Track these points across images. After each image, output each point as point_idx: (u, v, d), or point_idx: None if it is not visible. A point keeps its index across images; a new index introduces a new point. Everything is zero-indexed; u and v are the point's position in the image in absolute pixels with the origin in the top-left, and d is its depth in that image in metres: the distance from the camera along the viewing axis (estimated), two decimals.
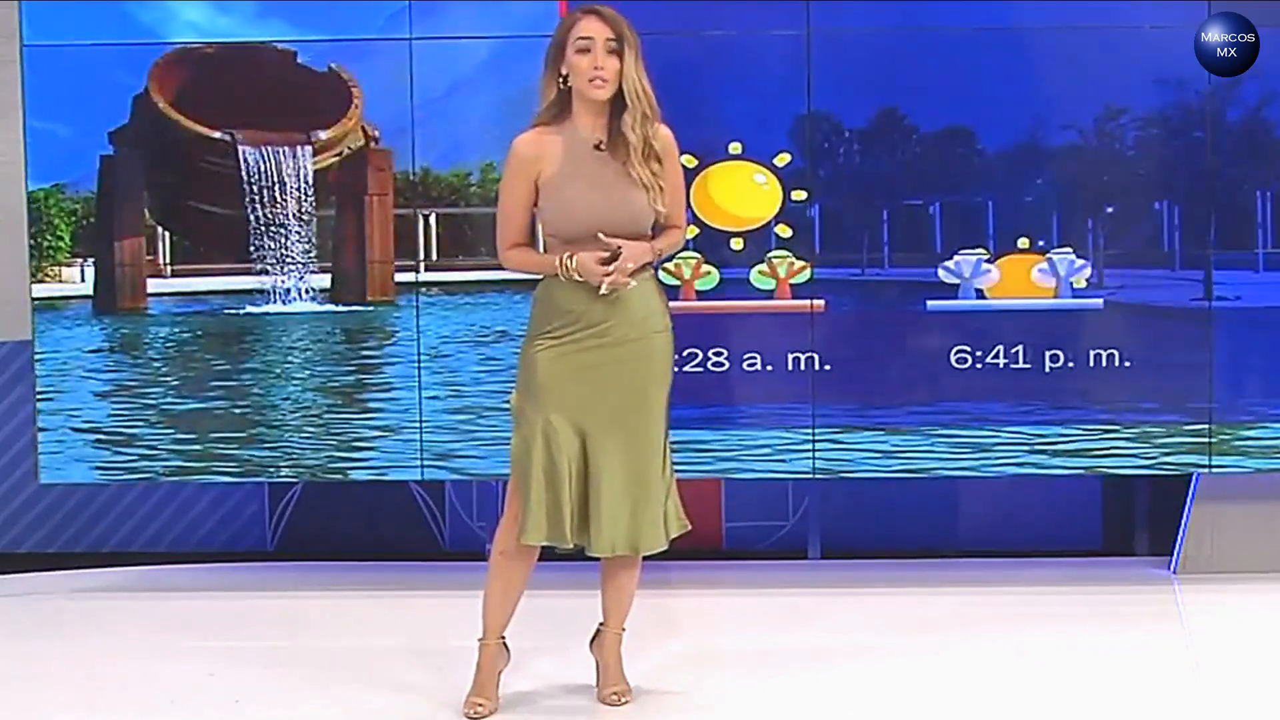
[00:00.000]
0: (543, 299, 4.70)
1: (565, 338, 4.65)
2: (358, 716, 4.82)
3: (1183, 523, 6.00)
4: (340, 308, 5.98)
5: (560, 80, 4.65)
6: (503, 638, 4.82)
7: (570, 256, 4.59)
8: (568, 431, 4.63)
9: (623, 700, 4.83)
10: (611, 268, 4.57)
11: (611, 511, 4.67)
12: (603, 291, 4.59)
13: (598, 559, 4.78)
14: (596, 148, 4.65)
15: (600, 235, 4.57)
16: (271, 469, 5.98)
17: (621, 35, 4.62)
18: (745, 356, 5.87)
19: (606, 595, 4.86)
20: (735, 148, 5.82)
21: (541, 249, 4.74)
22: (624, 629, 4.88)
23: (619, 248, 4.58)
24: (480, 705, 4.76)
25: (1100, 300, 5.81)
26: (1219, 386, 5.78)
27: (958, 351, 5.84)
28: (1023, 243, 5.80)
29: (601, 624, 4.90)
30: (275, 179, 5.95)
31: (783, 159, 5.81)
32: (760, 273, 5.86)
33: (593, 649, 4.93)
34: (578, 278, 4.59)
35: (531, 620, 5.04)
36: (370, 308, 5.99)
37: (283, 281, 5.98)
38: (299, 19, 5.88)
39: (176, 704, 4.91)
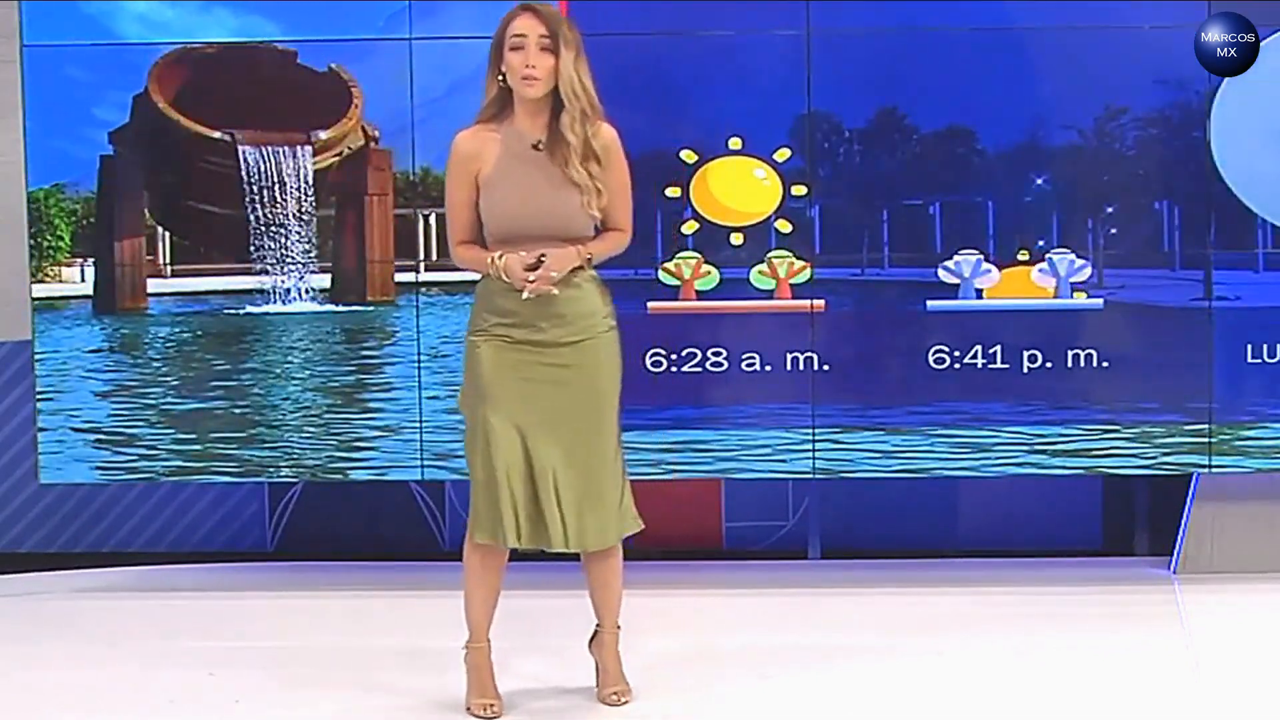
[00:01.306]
0: (482, 295, 4.70)
1: (501, 335, 4.64)
2: (358, 716, 4.82)
3: (1183, 523, 6.00)
4: (340, 308, 5.98)
5: (499, 78, 4.64)
6: (490, 639, 4.81)
7: (500, 257, 4.59)
8: (509, 432, 4.62)
9: (622, 700, 4.83)
10: (534, 275, 4.55)
11: (563, 508, 4.64)
12: (525, 296, 4.57)
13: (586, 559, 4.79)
14: (535, 147, 4.63)
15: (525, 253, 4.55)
16: (271, 469, 5.98)
17: (556, 32, 4.58)
18: (745, 356, 5.87)
19: (593, 593, 4.86)
20: (735, 143, 5.82)
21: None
22: (619, 627, 4.87)
23: (543, 255, 4.55)
24: (492, 705, 4.75)
25: (1100, 300, 5.81)
26: (1219, 386, 5.78)
27: (957, 351, 5.84)
28: (1022, 255, 5.81)
29: (597, 625, 4.90)
30: (275, 179, 5.95)
31: (783, 154, 5.81)
32: (760, 273, 5.86)
33: (591, 650, 4.93)
34: (505, 279, 4.59)
35: (530, 620, 5.05)
36: (370, 308, 5.99)
37: (283, 281, 5.98)
38: (284, 17, 5.87)
39: (176, 704, 4.91)
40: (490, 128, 4.68)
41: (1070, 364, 5.82)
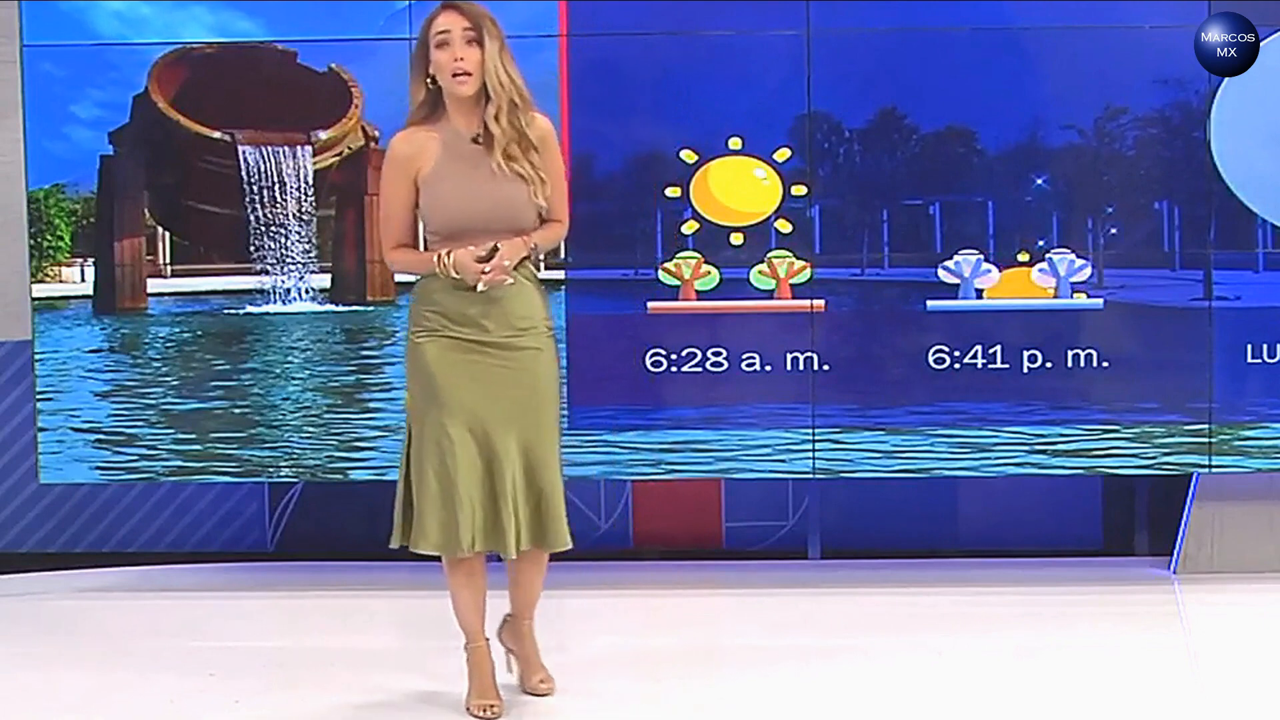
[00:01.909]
0: (420, 297, 4.69)
1: (447, 335, 4.62)
2: (358, 716, 4.82)
3: (1183, 523, 6.00)
4: (340, 308, 5.98)
5: (428, 80, 4.64)
6: (488, 637, 4.81)
7: (448, 253, 4.56)
8: (465, 437, 4.60)
9: (552, 687, 4.83)
10: (489, 265, 4.53)
11: (518, 512, 4.63)
12: (480, 289, 4.56)
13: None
14: (474, 141, 4.62)
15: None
16: (271, 469, 5.98)
17: (479, 25, 4.57)
18: (745, 356, 5.87)
19: (517, 588, 4.85)
20: (735, 143, 5.82)
21: (423, 249, 4.73)
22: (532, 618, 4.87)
23: (496, 245, 4.54)
24: (493, 706, 4.73)
25: (1100, 300, 5.81)
26: (1219, 386, 5.78)
27: (957, 351, 5.84)
28: (1023, 256, 5.81)
29: (511, 615, 4.88)
30: (275, 179, 5.95)
31: (783, 154, 5.81)
32: (760, 273, 5.86)
33: (503, 639, 4.90)
34: (455, 275, 4.56)
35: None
36: (370, 308, 5.99)
37: (283, 281, 5.98)
38: (262, 15, 5.87)
39: (176, 704, 4.91)
40: (426, 128, 4.66)
41: (1070, 364, 5.82)
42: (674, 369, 5.88)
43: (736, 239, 5.86)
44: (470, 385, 4.62)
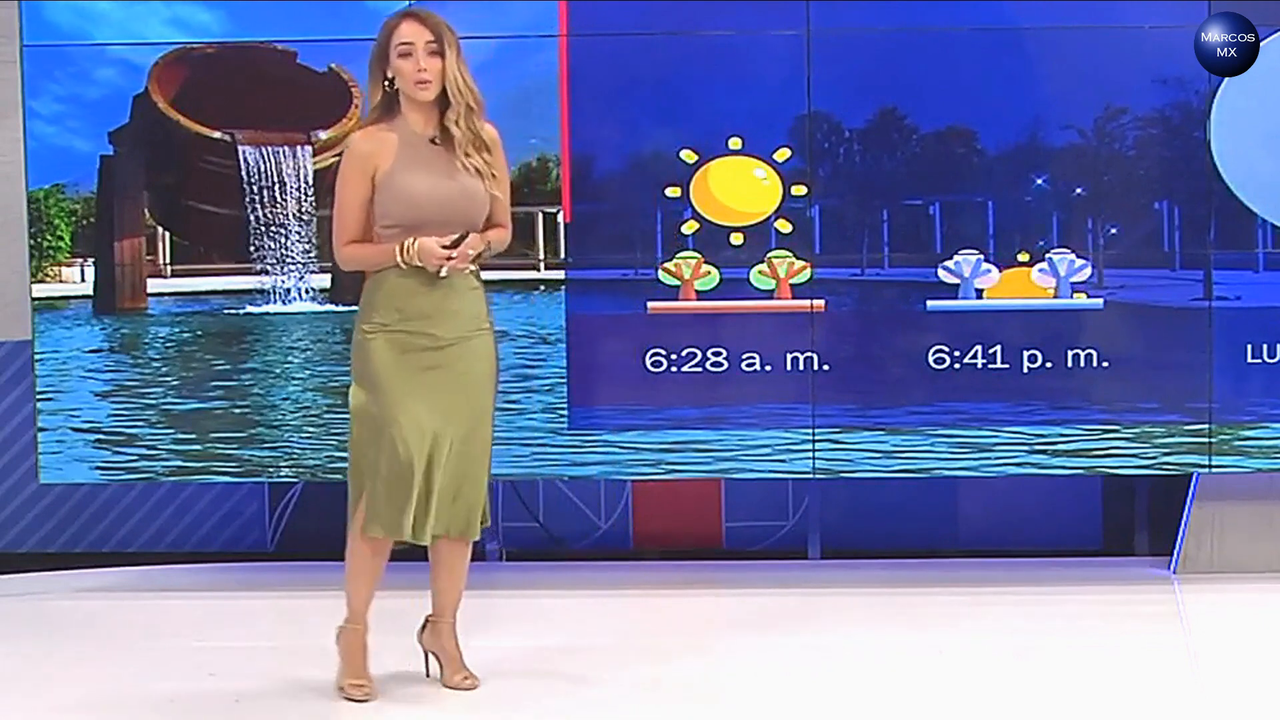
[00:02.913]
0: (373, 292, 4.79)
1: (393, 328, 4.74)
2: (358, 716, 4.82)
3: (1183, 523, 6.00)
4: (340, 308, 5.98)
5: (386, 83, 4.76)
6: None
7: (413, 241, 4.67)
8: (416, 432, 4.72)
9: (475, 683, 4.88)
10: (455, 251, 4.66)
11: (443, 501, 4.78)
12: (443, 274, 4.68)
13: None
14: (432, 141, 4.76)
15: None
16: (271, 469, 5.98)
17: (441, 36, 4.73)
18: (745, 356, 5.87)
19: (440, 581, 4.94)
20: (735, 143, 5.82)
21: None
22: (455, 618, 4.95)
23: (465, 234, 4.68)
24: (365, 686, 4.86)
25: (1100, 300, 5.81)
26: (1219, 386, 5.78)
27: (957, 351, 5.83)
28: (1023, 256, 5.81)
29: (432, 616, 4.96)
30: (275, 179, 5.95)
31: (783, 154, 5.81)
32: (760, 273, 5.86)
33: (424, 640, 4.98)
34: (417, 262, 4.68)
35: (530, 621, 5.05)
36: None
37: (283, 281, 5.98)
38: (281, 18, 5.88)
39: (176, 704, 4.91)
40: (383, 127, 4.79)
41: (1070, 364, 5.81)
42: (674, 369, 5.88)
43: (736, 239, 5.86)
44: (418, 379, 4.74)
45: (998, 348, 5.83)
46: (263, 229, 5.96)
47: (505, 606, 5.32)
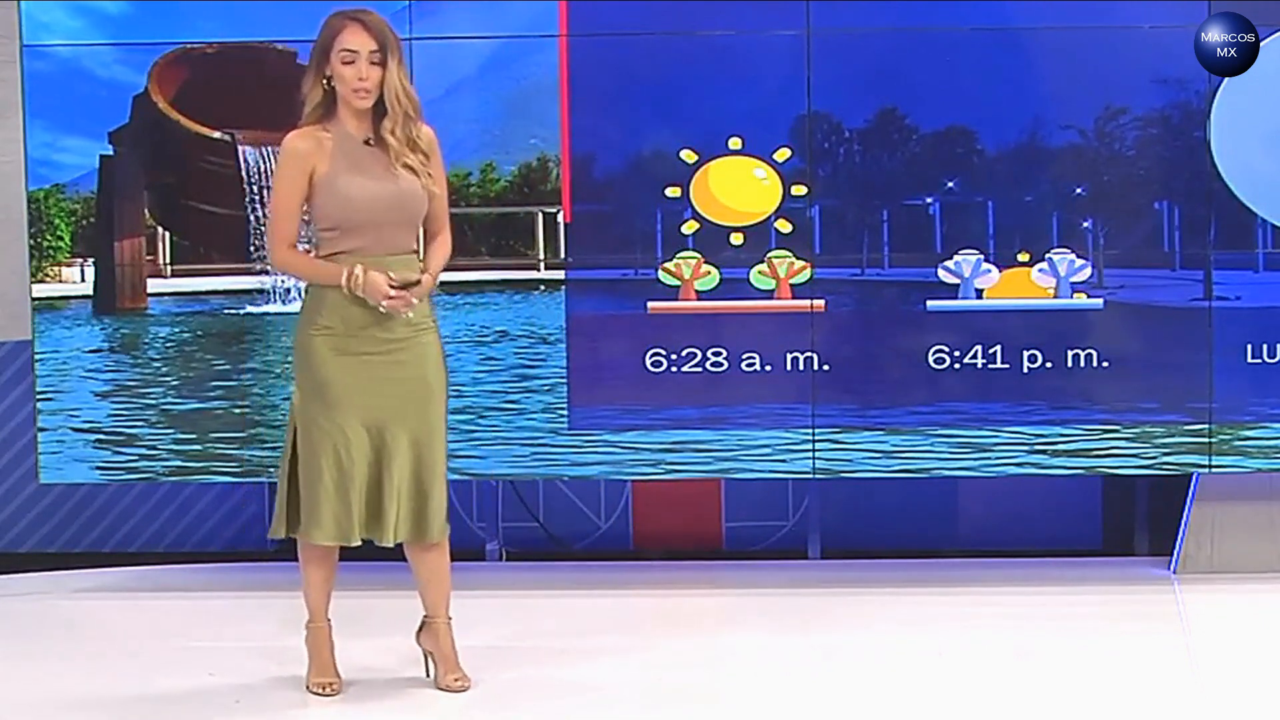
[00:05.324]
0: (315, 296, 4.78)
1: (337, 331, 4.73)
2: (357, 716, 4.82)
3: (1183, 523, 6.00)
4: None
5: (324, 82, 4.76)
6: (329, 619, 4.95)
7: (363, 271, 4.66)
8: (360, 435, 4.74)
9: (466, 684, 4.88)
10: (399, 294, 4.65)
11: (400, 503, 4.76)
12: (382, 309, 4.68)
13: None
14: (366, 143, 4.75)
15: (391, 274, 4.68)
16: (272, 469, 5.98)
17: (385, 45, 4.72)
18: (745, 356, 5.87)
19: (425, 585, 4.93)
20: (735, 143, 5.82)
21: (313, 246, 4.83)
22: (450, 617, 4.93)
23: (417, 280, 4.69)
24: (333, 684, 4.90)
25: (1100, 300, 5.81)
26: (1219, 386, 5.78)
27: (957, 351, 5.84)
28: (1023, 256, 5.81)
29: (427, 616, 4.95)
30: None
31: (783, 154, 5.81)
32: (760, 273, 5.86)
33: (421, 642, 4.97)
34: (361, 294, 4.67)
35: (530, 621, 5.05)
36: None
37: (283, 281, 5.98)
38: (281, 18, 5.88)
39: (176, 704, 4.91)
40: (319, 128, 4.78)
41: (1070, 364, 5.82)
42: (674, 369, 5.88)
43: (736, 239, 5.86)
44: (363, 382, 4.74)
45: (998, 348, 5.83)
46: (263, 229, 5.96)
47: (505, 606, 5.32)
